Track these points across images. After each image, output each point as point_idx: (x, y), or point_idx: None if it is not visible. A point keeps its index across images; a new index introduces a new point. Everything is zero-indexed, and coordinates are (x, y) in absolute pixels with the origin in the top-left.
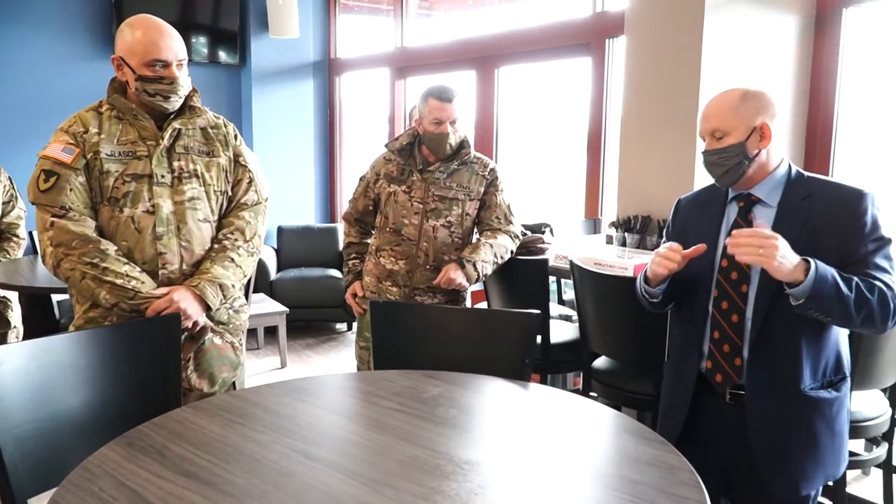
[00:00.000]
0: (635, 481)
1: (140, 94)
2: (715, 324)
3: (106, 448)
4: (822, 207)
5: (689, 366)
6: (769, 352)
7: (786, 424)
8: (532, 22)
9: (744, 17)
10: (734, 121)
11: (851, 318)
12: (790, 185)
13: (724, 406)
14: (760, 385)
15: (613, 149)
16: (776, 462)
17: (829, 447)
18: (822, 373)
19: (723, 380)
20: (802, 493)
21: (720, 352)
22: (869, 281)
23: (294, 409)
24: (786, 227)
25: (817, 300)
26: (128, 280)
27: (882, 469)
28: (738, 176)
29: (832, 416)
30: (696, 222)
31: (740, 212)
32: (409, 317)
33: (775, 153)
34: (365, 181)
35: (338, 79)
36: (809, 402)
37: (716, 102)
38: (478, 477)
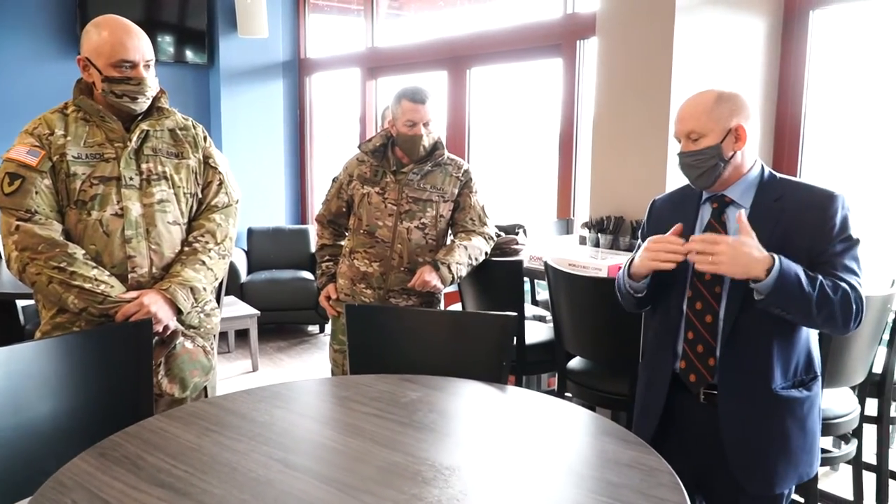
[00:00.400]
0: (616, 484)
1: (107, 96)
2: (689, 324)
3: (78, 459)
4: (793, 208)
5: (663, 366)
6: (741, 352)
7: (758, 424)
8: (503, 23)
9: (713, 19)
10: (710, 123)
11: (812, 316)
12: (763, 186)
13: (698, 406)
14: (732, 385)
15: (585, 150)
16: (749, 461)
17: (801, 446)
18: (793, 372)
19: (696, 380)
20: (776, 491)
21: (694, 352)
22: (834, 281)
23: (271, 416)
24: (758, 228)
25: (780, 296)
26: (96, 284)
27: (852, 465)
28: (714, 178)
29: (804, 415)
30: (671, 223)
31: (714, 213)
32: (384, 320)
33: (749, 155)
34: (338, 183)
35: (308, 79)
36: (781, 402)
37: (691, 104)
38: (459, 482)
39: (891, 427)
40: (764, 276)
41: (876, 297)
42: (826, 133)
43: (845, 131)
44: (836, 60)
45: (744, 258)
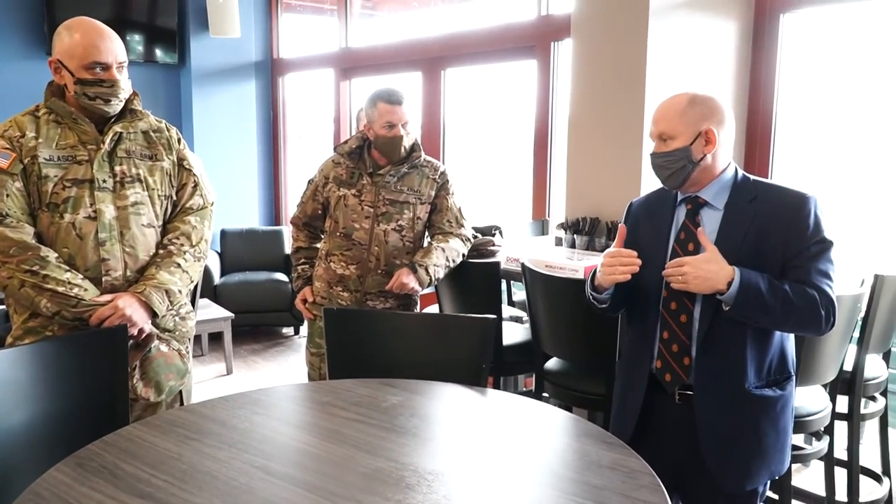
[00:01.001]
0: (597, 486)
1: (79, 98)
2: (664, 324)
3: (54, 470)
4: (767, 210)
5: (640, 366)
6: (715, 351)
7: (731, 422)
8: (478, 24)
9: (686, 22)
10: (680, 125)
11: (780, 324)
12: (736, 188)
13: (674, 406)
14: (707, 383)
15: (560, 151)
16: (722, 459)
17: (773, 444)
18: (766, 372)
19: (671, 379)
20: (748, 488)
21: (669, 352)
22: (802, 288)
23: (251, 423)
24: (731, 230)
25: (742, 307)
26: (70, 287)
27: (823, 461)
28: (682, 179)
29: (776, 414)
30: (647, 225)
31: (688, 214)
32: (363, 323)
33: (722, 157)
34: (313, 185)
35: (281, 79)
36: (754, 401)
37: (665, 107)
38: (443, 488)
39: (861, 423)
40: (726, 288)
41: (846, 297)
42: (797, 134)
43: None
44: (806, 63)
45: (705, 274)
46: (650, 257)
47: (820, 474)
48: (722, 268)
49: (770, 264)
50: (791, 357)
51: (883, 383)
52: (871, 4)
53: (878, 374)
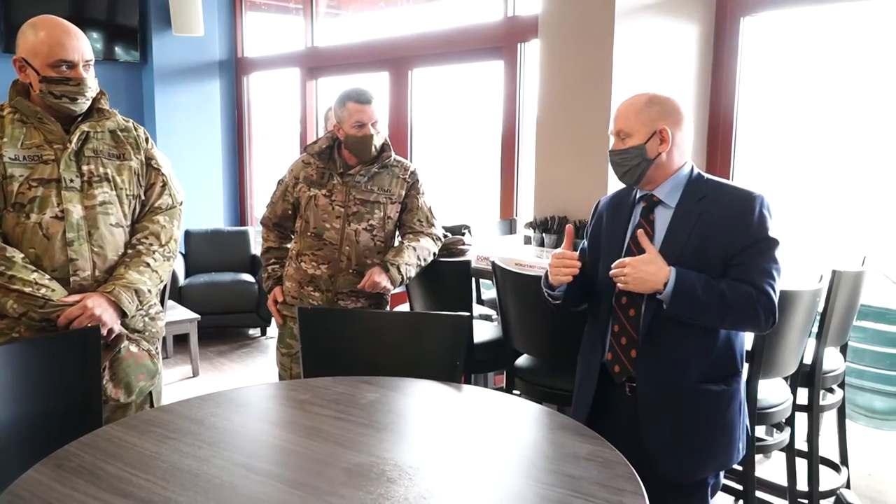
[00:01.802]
0: (575, 476)
1: (45, 97)
2: (615, 318)
3: (33, 471)
4: (714, 208)
5: (594, 358)
6: (658, 346)
7: (671, 414)
8: (445, 25)
9: (650, 25)
10: (636, 124)
11: (717, 322)
12: (689, 186)
13: (624, 398)
14: (650, 377)
15: (528, 151)
16: (665, 450)
17: (718, 438)
18: (710, 366)
19: (619, 370)
20: (691, 479)
21: (618, 344)
22: (740, 286)
23: (229, 421)
24: (679, 227)
25: (679, 306)
26: (37, 288)
27: (785, 452)
28: (637, 175)
29: (722, 409)
30: (608, 222)
31: (642, 212)
32: (337, 322)
33: (677, 157)
34: (283, 185)
35: (246, 78)
36: (698, 395)
37: (624, 106)
38: (424, 481)
39: (820, 415)
40: (663, 288)
41: (805, 292)
42: (757, 134)
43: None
44: (766, 65)
45: (643, 275)
46: (607, 254)
47: (782, 464)
48: (660, 268)
49: (712, 261)
50: (740, 353)
51: (840, 375)
52: (828, 9)
53: (836, 367)
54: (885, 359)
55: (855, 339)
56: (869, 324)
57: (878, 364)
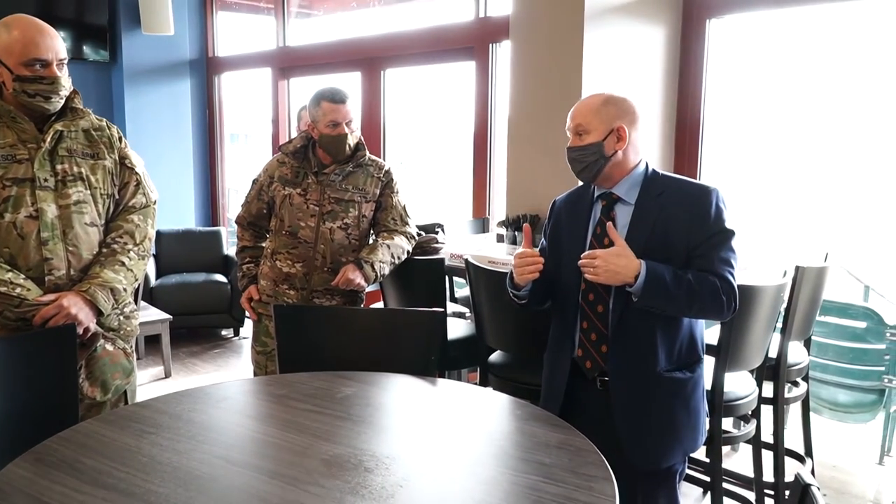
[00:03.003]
0: (547, 464)
1: (19, 95)
2: (583, 314)
3: (13, 465)
4: (672, 203)
5: (563, 354)
6: (628, 338)
7: (644, 403)
8: (416, 25)
9: (619, 26)
10: (594, 121)
11: (685, 311)
12: (646, 183)
13: (595, 391)
14: (621, 368)
15: (500, 150)
16: (636, 438)
17: (685, 424)
18: (676, 355)
19: (591, 366)
20: (662, 466)
21: (588, 340)
22: (704, 276)
23: (208, 416)
24: (640, 223)
25: (650, 297)
26: (12, 287)
27: (751, 444)
28: (595, 172)
29: (687, 395)
30: (568, 221)
31: (603, 210)
32: (313, 319)
33: (633, 155)
34: (258, 184)
35: (217, 78)
36: (665, 383)
37: (583, 103)
38: (400, 470)
39: (785, 407)
40: (634, 281)
41: (770, 287)
42: (724, 134)
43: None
44: (732, 66)
45: (614, 267)
46: (570, 252)
47: (745, 456)
48: (630, 261)
49: (674, 254)
50: (700, 341)
51: (805, 369)
52: (793, 11)
53: (801, 360)
54: (848, 353)
55: (818, 334)
56: (832, 319)
57: (842, 358)
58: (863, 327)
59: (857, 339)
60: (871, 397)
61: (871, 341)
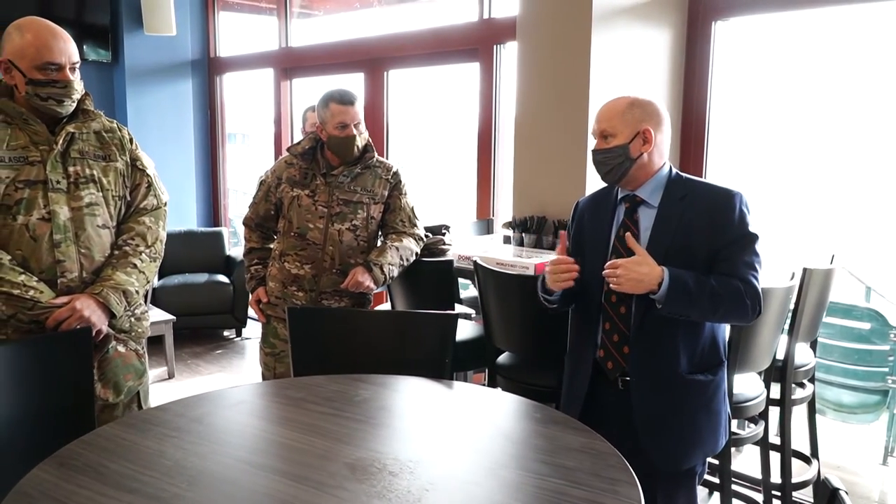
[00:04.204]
0: (570, 468)
1: (31, 98)
2: (606, 316)
3: (37, 470)
4: (696, 206)
5: (585, 355)
6: (650, 341)
7: (665, 405)
8: (420, 26)
9: (626, 28)
10: (620, 125)
11: (708, 317)
12: (670, 186)
13: (616, 392)
14: (643, 370)
15: (504, 152)
16: (657, 439)
17: (706, 426)
18: (698, 358)
19: (613, 367)
20: (683, 467)
21: (610, 341)
22: (728, 281)
23: (227, 420)
24: (664, 226)
25: (673, 304)
26: (25, 290)
27: (759, 446)
28: (620, 175)
29: (709, 398)
30: (591, 222)
31: (626, 212)
32: (326, 321)
33: (657, 157)
34: (266, 185)
35: (219, 78)
36: (687, 385)
37: (608, 107)
38: (425, 474)
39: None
40: (658, 288)
41: (778, 289)
42: (729, 135)
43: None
44: (737, 67)
45: (637, 276)
46: (593, 253)
47: (752, 457)
48: (652, 269)
49: (698, 258)
50: (723, 343)
51: (811, 370)
52: (799, 13)
53: (807, 362)
54: (853, 354)
55: (823, 336)
56: (837, 320)
57: (846, 359)
58: (867, 328)
59: (862, 340)
60: (875, 398)
61: (875, 342)
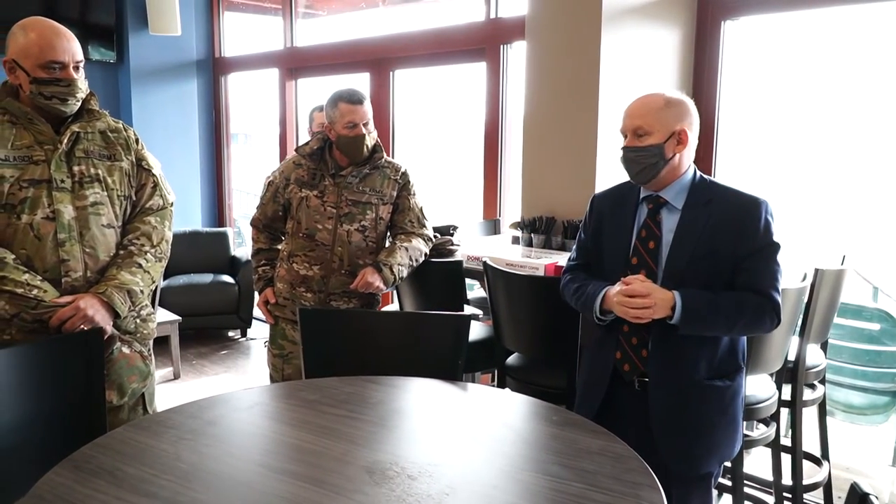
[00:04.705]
0: (590, 471)
1: (35, 98)
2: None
3: (52, 473)
4: (721, 212)
5: (603, 357)
6: (669, 346)
7: (683, 410)
8: (426, 26)
9: (635, 28)
10: (656, 123)
11: (727, 332)
12: (693, 189)
13: (633, 393)
14: (661, 375)
15: (511, 152)
16: (675, 444)
17: (724, 431)
18: (717, 364)
19: (630, 369)
20: (701, 471)
21: (629, 344)
22: (747, 296)
23: (242, 422)
24: (688, 230)
25: (689, 326)
26: (29, 289)
27: (771, 448)
28: (652, 175)
29: (726, 404)
30: (611, 221)
31: (649, 213)
32: (337, 323)
33: (687, 159)
34: (274, 186)
35: (224, 78)
36: (705, 390)
37: (642, 104)
38: (444, 477)
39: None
40: (672, 313)
41: (791, 290)
42: (739, 136)
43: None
44: (747, 67)
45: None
46: (612, 252)
47: (760, 459)
48: (663, 296)
49: (721, 264)
50: (742, 350)
51: (822, 371)
52: (810, 13)
53: (818, 363)
54: (862, 355)
55: (833, 336)
56: (846, 321)
57: (856, 360)
58: (877, 329)
59: (872, 341)
60: (885, 399)
61: (885, 343)
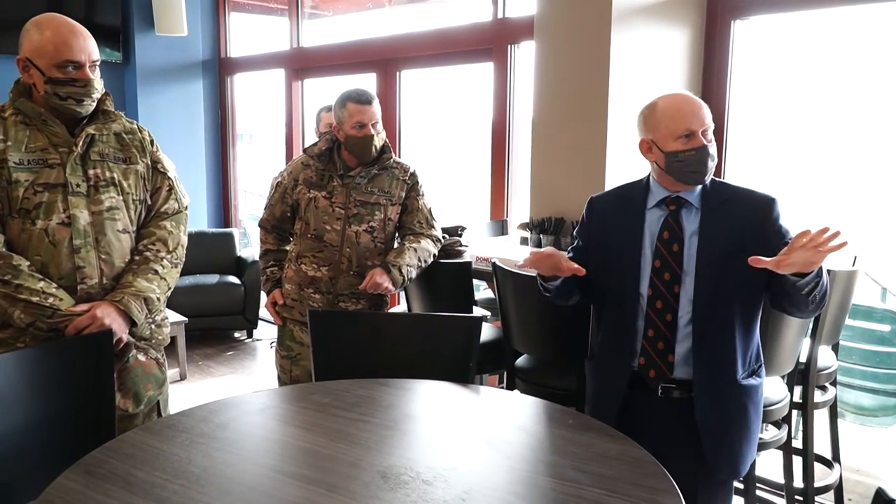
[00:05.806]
0: (609, 476)
1: (50, 98)
2: (650, 322)
3: (62, 478)
4: (740, 211)
5: (621, 364)
6: (708, 348)
7: (727, 412)
8: (433, 26)
9: (645, 28)
10: (710, 123)
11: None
12: (710, 189)
13: (655, 400)
14: (703, 379)
15: (519, 153)
16: (721, 449)
17: (756, 429)
18: (750, 361)
19: (656, 375)
20: (743, 473)
21: (654, 349)
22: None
23: (253, 425)
24: (711, 229)
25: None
26: (44, 297)
27: (782, 450)
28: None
29: (758, 400)
30: (616, 222)
31: (671, 214)
32: (347, 324)
33: None
34: (282, 187)
35: (230, 79)
36: (743, 390)
37: (696, 103)
38: (460, 482)
39: None
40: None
41: None
42: (749, 136)
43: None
44: (757, 67)
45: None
46: (625, 256)
47: (772, 461)
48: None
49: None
50: (760, 345)
51: (833, 373)
52: (819, 12)
53: (829, 365)
54: (872, 356)
55: (844, 338)
56: (857, 322)
57: (866, 362)
58: (887, 331)
59: (882, 342)
60: (895, 401)
61: (895, 344)
